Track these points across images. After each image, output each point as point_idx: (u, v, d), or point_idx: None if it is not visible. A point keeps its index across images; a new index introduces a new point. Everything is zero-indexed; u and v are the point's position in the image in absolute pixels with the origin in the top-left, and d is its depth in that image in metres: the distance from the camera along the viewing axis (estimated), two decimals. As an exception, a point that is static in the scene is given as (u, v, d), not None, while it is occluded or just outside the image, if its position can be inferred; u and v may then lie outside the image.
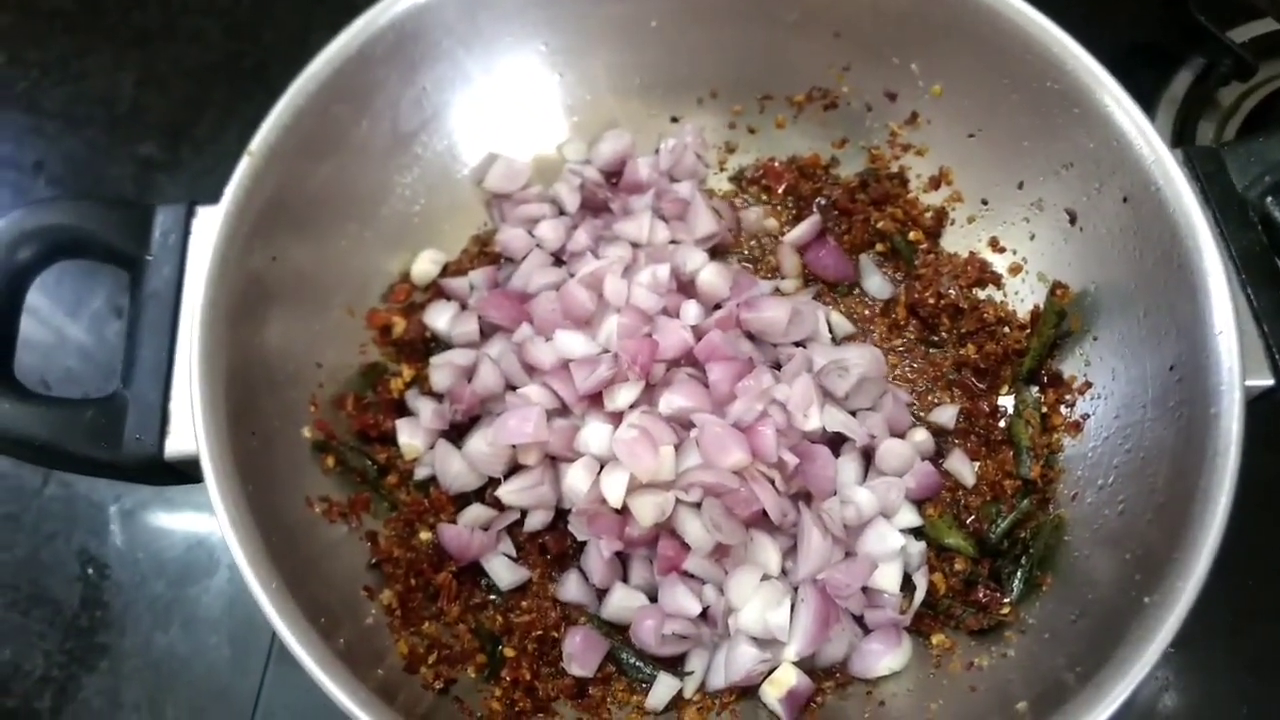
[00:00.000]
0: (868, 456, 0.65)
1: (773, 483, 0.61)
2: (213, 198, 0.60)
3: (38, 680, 0.76)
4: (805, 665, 0.60)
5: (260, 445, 0.57)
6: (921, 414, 0.69)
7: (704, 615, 0.61)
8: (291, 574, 0.52)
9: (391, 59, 0.67)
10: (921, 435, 0.67)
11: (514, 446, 0.63)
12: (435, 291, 0.73)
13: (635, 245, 0.72)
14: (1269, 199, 0.55)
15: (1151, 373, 0.58)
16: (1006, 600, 0.61)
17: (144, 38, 1.03)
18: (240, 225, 0.59)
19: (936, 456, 0.67)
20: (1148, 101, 0.90)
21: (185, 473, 0.56)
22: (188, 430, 0.54)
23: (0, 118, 0.99)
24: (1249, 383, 0.52)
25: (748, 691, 0.62)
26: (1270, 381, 0.54)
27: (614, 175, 0.76)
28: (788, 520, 0.62)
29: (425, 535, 0.65)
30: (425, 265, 0.73)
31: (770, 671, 0.60)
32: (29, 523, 0.82)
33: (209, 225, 0.59)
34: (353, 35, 0.65)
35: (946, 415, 0.68)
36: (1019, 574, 0.61)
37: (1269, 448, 0.55)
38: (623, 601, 0.63)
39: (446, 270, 0.74)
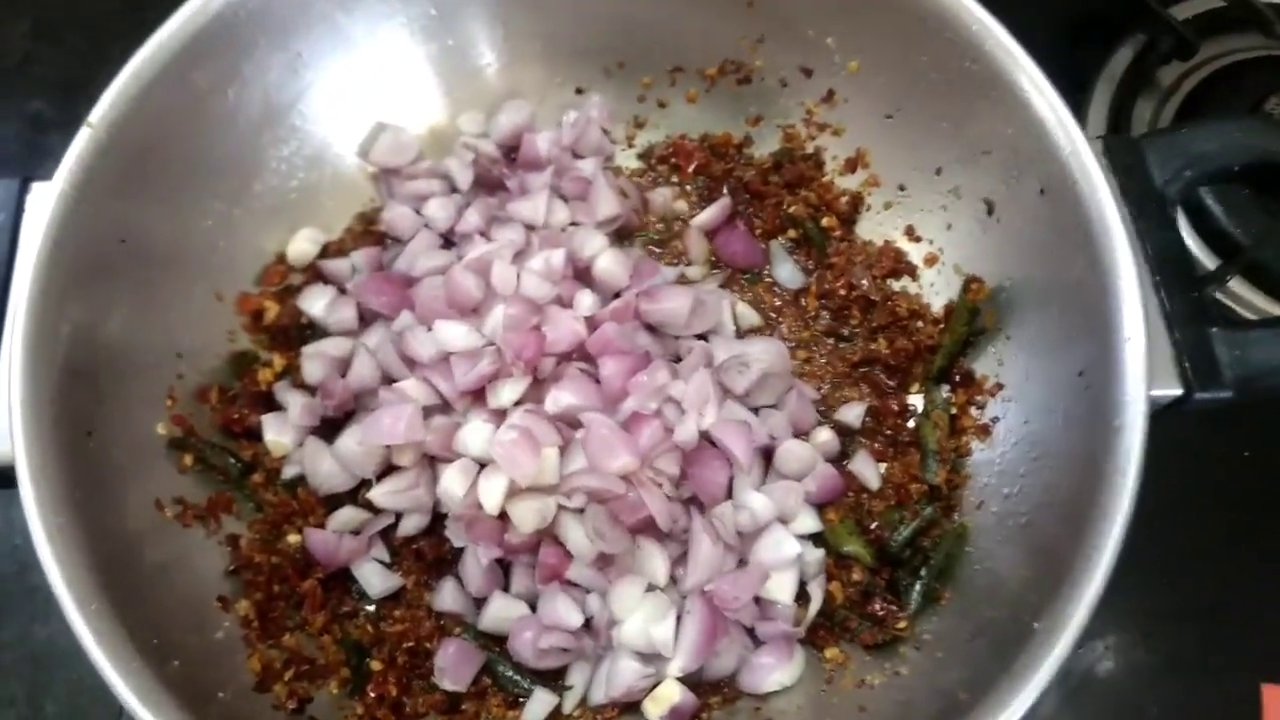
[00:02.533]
0: (767, 457, 0.62)
1: (661, 487, 0.57)
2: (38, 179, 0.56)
3: None
4: (691, 680, 0.57)
5: (98, 446, 0.53)
6: (827, 411, 0.65)
7: (586, 626, 0.58)
8: (126, 589, 0.48)
9: (259, 21, 0.61)
10: (825, 435, 0.64)
11: (388, 446, 0.59)
12: (313, 274, 0.68)
13: (530, 228, 0.67)
14: (1200, 189, 0.51)
15: (1063, 377, 0.55)
16: (903, 614, 0.58)
17: (37, -19, 0.97)
18: (80, 204, 0.54)
19: (841, 458, 0.64)
20: (1087, 79, 0.87)
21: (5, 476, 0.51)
22: (4, 429, 0.50)
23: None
24: (1155, 392, 0.49)
25: (630, 707, 0.58)
26: (1178, 392, 0.50)
27: (513, 150, 0.71)
28: (678, 527, 0.58)
29: (293, 538, 0.61)
30: (302, 245, 0.68)
31: (653, 687, 0.56)
32: (-96, 515, 0.77)
33: (42, 200, 0.54)
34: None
35: (853, 414, 0.65)
36: (918, 586, 0.58)
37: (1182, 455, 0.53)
38: (501, 611, 0.59)
39: (326, 251, 0.69)
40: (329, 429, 0.63)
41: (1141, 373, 0.48)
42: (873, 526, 0.61)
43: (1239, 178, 0.55)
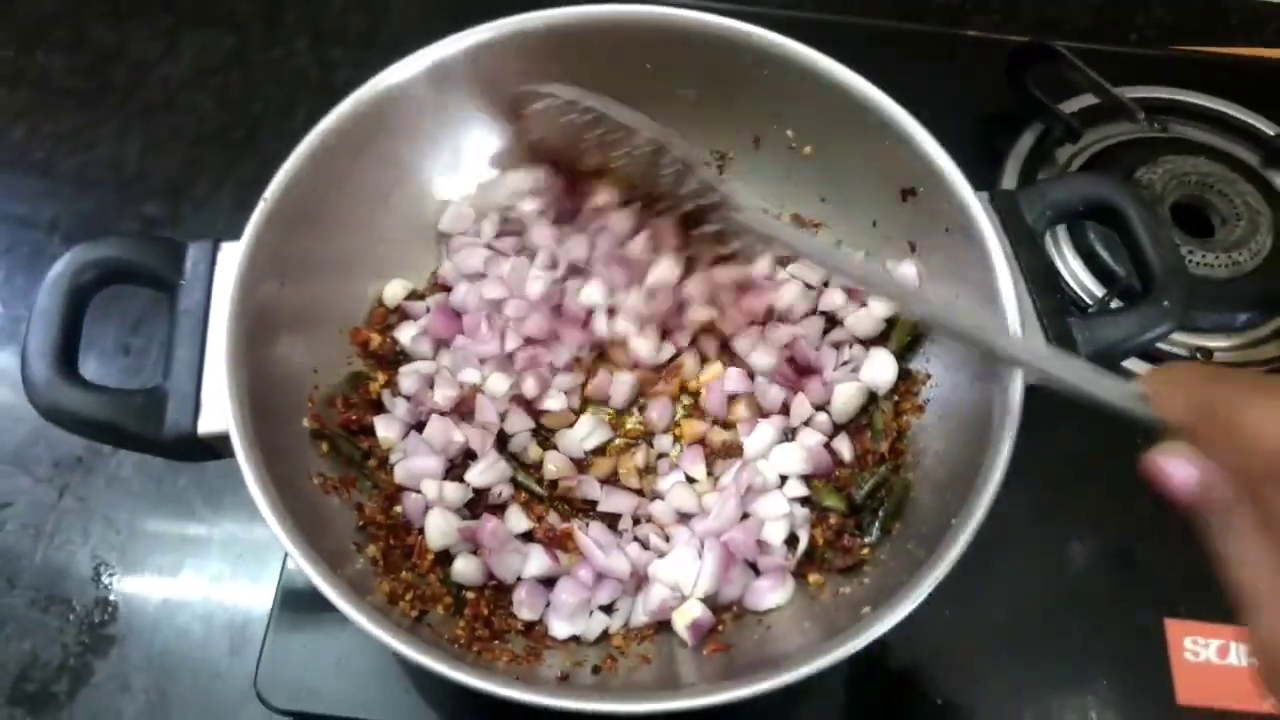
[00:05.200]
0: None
1: None
2: (224, 240, 0.73)
3: (56, 668, 0.86)
4: (708, 602, 0.73)
5: (271, 429, 0.69)
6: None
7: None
8: (300, 524, 0.64)
9: (375, 127, 0.80)
10: (822, 418, 0.82)
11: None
12: (401, 313, 0.86)
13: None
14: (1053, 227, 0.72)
15: (969, 360, 0.74)
16: (865, 545, 0.75)
17: (147, 111, 1.17)
18: (256, 257, 0.71)
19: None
20: (999, 158, 1.08)
21: (215, 449, 0.68)
22: (217, 414, 0.66)
23: (19, 182, 1.12)
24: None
25: (663, 626, 0.74)
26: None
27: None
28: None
29: (397, 509, 0.78)
30: (395, 290, 0.86)
31: (679, 605, 0.73)
32: (47, 533, 0.93)
33: (230, 257, 0.71)
34: (346, 107, 0.77)
35: None
36: (876, 525, 0.76)
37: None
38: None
39: (412, 296, 0.86)
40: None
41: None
42: (843, 486, 0.79)
43: (1084, 215, 0.75)
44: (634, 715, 0.59)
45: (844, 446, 0.81)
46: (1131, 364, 0.94)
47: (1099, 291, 0.97)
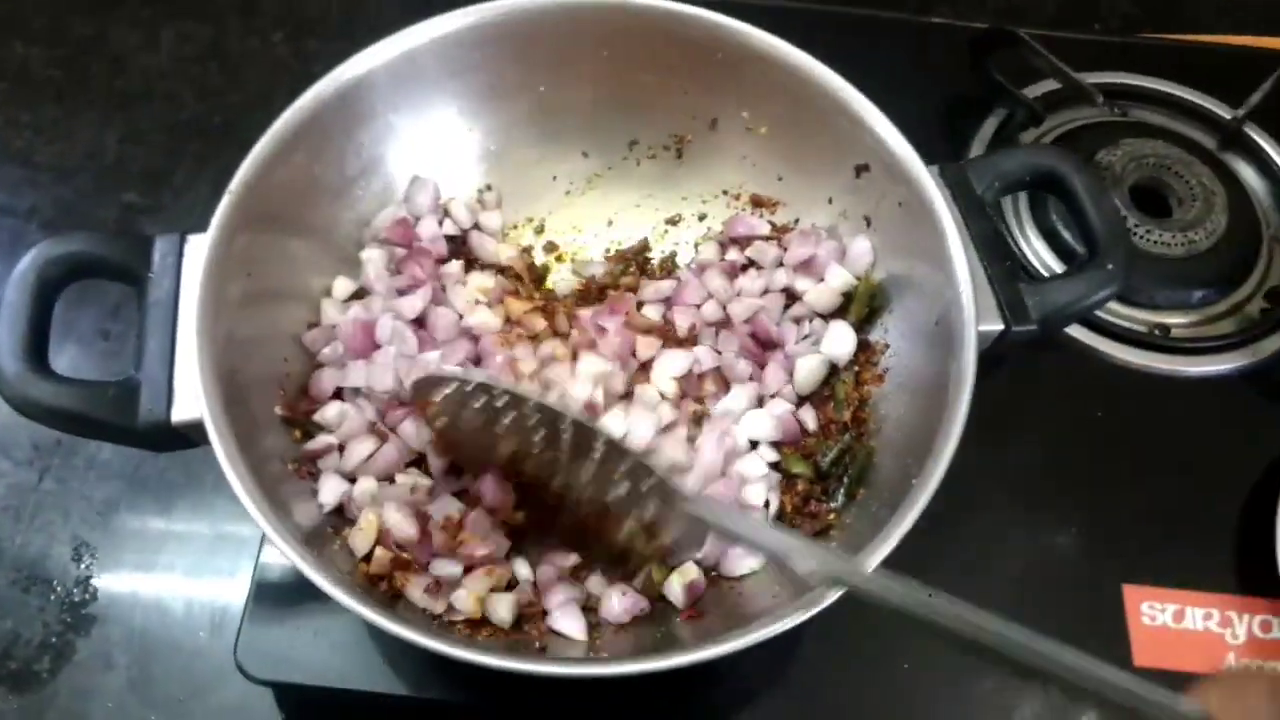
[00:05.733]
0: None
1: None
2: (190, 233, 0.75)
3: (38, 647, 0.87)
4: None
5: (243, 416, 0.70)
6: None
7: None
8: (275, 506, 0.65)
9: (337, 119, 0.81)
10: (788, 389, 0.84)
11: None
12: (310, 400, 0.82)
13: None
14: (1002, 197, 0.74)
15: (926, 328, 0.76)
16: (832, 508, 0.78)
17: (126, 100, 1.18)
18: (223, 249, 0.72)
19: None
20: (964, 142, 1.10)
21: (189, 437, 0.69)
22: (190, 402, 0.67)
23: (-1, 172, 1.13)
24: (982, 327, 0.70)
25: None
26: (1000, 326, 0.73)
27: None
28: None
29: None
30: (341, 287, 0.85)
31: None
32: (27, 514, 0.94)
33: (197, 249, 0.72)
34: (307, 100, 0.78)
35: None
36: (841, 490, 0.78)
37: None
38: None
39: (357, 294, 0.85)
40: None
41: (973, 314, 0.70)
42: (809, 454, 0.81)
43: (1030, 185, 0.78)
44: (607, 676, 0.62)
45: (808, 416, 0.83)
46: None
47: (1056, 265, 1.00)
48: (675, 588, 0.74)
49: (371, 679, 0.79)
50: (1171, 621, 0.82)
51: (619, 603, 0.73)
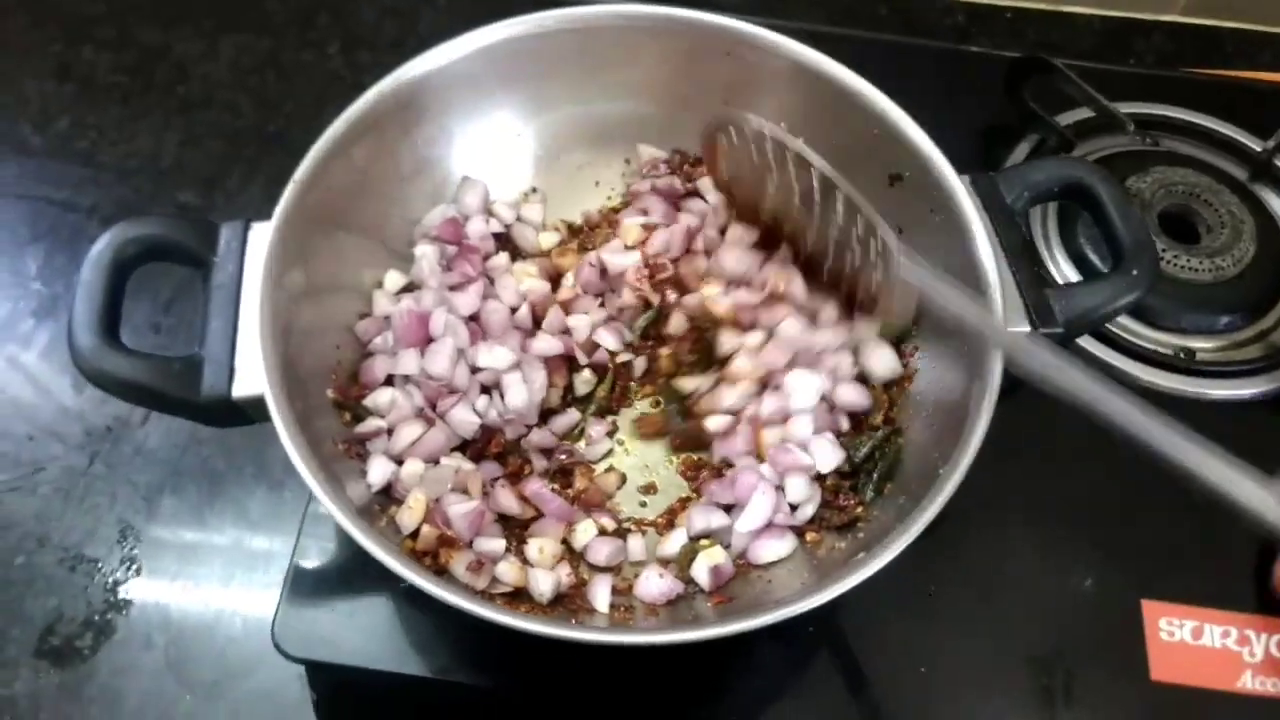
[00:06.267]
0: None
1: None
2: (255, 221, 0.78)
3: (80, 624, 0.90)
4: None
5: (298, 397, 0.73)
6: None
7: None
8: (328, 481, 0.68)
9: (394, 119, 0.85)
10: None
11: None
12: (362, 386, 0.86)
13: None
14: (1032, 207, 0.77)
15: (954, 330, 0.78)
16: (861, 504, 0.80)
17: (186, 106, 1.23)
18: (285, 235, 0.76)
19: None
20: (996, 163, 1.12)
21: (247, 413, 0.72)
22: (251, 379, 0.71)
23: (63, 169, 1.18)
24: (1011, 328, 0.73)
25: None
26: (1027, 328, 0.75)
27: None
28: None
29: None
30: (393, 280, 0.89)
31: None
32: (76, 497, 0.98)
33: (260, 236, 0.76)
34: (367, 100, 0.83)
35: None
36: (871, 484, 0.80)
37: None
38: None
39: (409, 287, 0.89)
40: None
41: (1000, 311, 0.73)
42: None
43: (1058, 195, 0.81)
44: (639, 645, 0.64)
45: (842, 418, 0.85)
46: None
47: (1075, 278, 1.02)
48: (701, 570, 0.76)
49: (400, 661, 0.81)
50: (1190, 638, 0.83)
51: (656, 584, 0.76)
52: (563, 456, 0.85)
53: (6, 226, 1.14)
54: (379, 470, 0.79)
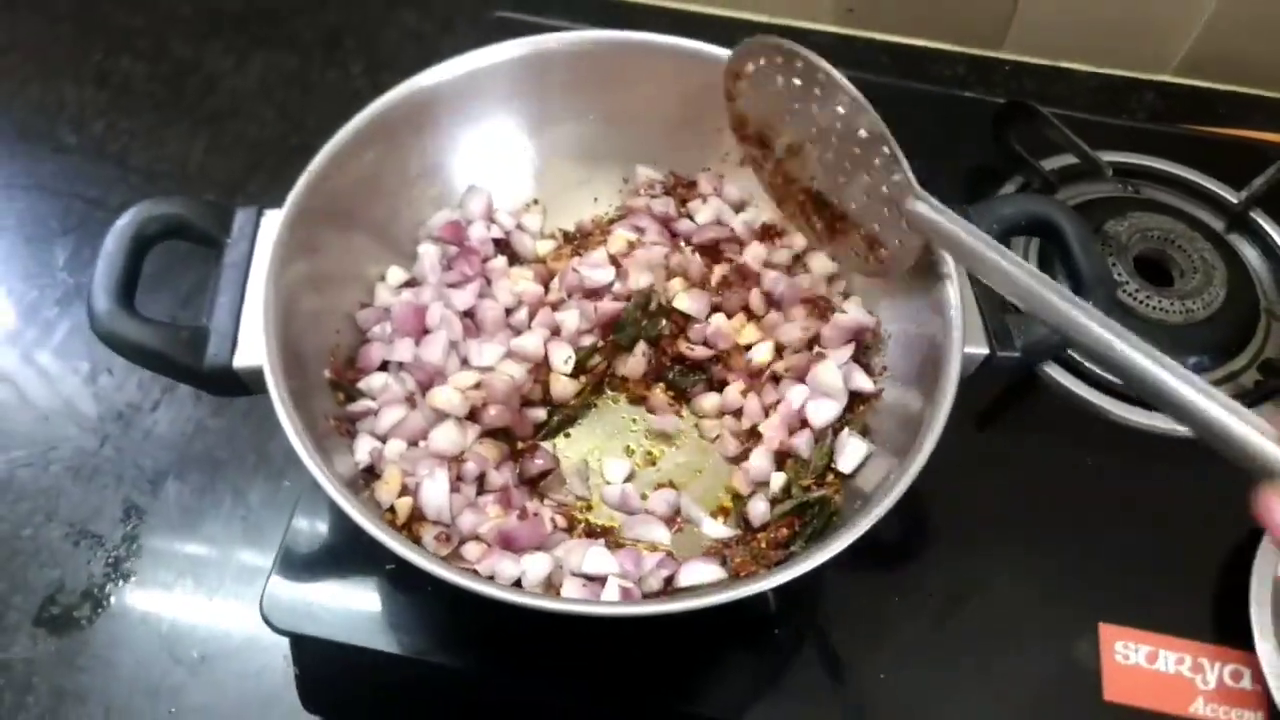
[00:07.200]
0: None
1: None
2: (267, 208, 0.84)
3: (80, 595, 0.95)
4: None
5: (295, 374, 0.77)
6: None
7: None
8: (320, 452, 0.71)
9: (406, 124, 0.90)
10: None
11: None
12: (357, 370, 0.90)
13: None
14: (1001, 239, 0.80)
15: (921, 345, 0.82)
16: (791, 551, 0.81)
17: (214, 116, 1.30)
18: (295, 222, 0.80)
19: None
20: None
21: (246, 384, 0.77)
22: (252, 351, 0.75)
23: (95, 169, 1.25)
24: (969, 350, 0.76)
25: None
26: (985, 350, 0.79)
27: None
28: None
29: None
30: (394, 275, 0.93)
31: None
32: (85, 475, 1.02)
33: (272, 222, 0.81)
34: (382, 104, 0.88)
35: None
36: (803, 539, 0.81)
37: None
38: None
39: (409, 283, 0.93)
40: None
41: (960, 336, 0.76)
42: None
43: (1026, 229, 0.84)
44: (622, 616, 0.68)
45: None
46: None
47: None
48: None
49: (381, 639, 0.84)
50: (1144, 662, 0.84)
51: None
52: (540, 461, 0.89)
53: (39, 219, 1.21)
54: (364, 447, 0.83)
